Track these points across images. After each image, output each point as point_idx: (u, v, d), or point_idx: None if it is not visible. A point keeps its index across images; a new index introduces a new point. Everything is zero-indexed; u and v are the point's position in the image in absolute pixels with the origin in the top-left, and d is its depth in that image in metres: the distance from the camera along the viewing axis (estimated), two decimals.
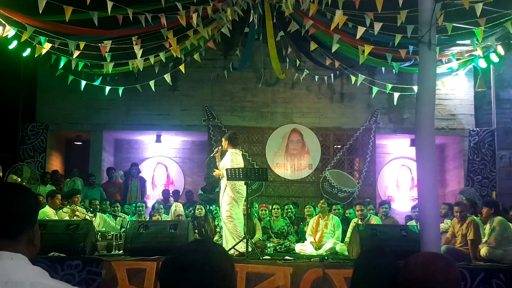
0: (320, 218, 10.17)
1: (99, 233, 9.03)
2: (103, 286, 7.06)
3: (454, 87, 13.37)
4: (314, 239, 9.91)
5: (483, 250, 8.23)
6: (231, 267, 1.95)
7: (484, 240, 8.53)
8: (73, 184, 12.22)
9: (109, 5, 8.06)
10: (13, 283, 1.79)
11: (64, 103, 13.13)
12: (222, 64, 13.39)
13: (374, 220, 9.67)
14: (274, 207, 10.97)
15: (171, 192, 13.37)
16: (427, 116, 6.12)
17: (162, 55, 10.71)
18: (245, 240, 8.08)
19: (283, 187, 13.38)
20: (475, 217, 8.91)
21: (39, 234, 2.02)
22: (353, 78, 12.03)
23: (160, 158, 14.75)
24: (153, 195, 14.26)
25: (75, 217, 9.23)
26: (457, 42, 11.35)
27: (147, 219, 10.54)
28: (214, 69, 13.47)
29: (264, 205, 11.30)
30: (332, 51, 10.15)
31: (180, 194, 13.64)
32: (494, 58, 11.40)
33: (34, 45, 9.59)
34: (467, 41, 10.98)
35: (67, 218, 9.22)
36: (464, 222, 8.72)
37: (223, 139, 9.02)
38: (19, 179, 10.22)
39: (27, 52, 10.24)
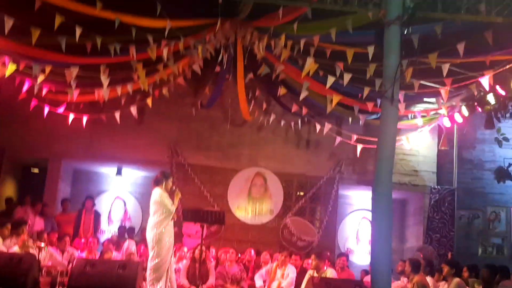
0: (277, 268, 9.97)
1: (44, 268, 8.65)
2: None
3: (419, 144, 13.43)
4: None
5: None
6: None
7: None
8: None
9: (78, 31, 7.89)
10: None
11: (23, 128, 12.73)
12: (190, 101, 13.24)
13: (330, 272, 9.49)
14: (230, 251, 10.76)
15: (127, 228, 13.05)
16: (385, 171, 6.04)
17: (129, 87, 10.54)
18: None
19: (242, 231, 13.12)
20: (424, 278, 8.77)
21: None
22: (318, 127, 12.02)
23: (119, 192, 14.40)
24: (108, 230, 13.88)
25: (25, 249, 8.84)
26: (424, 99, 11.48)
27: (98, 256, 10.20)
28: (182, 105, 13.30)
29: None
30: (300, 99, 10.13)
31: (136, 231, 13.28)
32: (458, 118, 11.49)
33: None
34: (433, 99, 11.09)
35: (16, 248, 8.80)
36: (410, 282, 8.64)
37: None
38: None
39: None
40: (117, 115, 11.29)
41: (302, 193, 13.41)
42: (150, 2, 7.74)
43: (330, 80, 9.10)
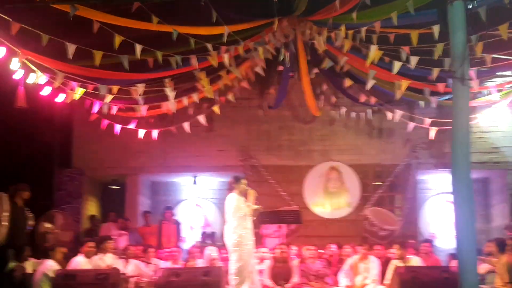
0: (360, 260, 9.80)
1: (131, 280, 8.85)
2: None
3: (496, 119, 12.91)
4: (354, 283, 9.56)
5: None
6: None
7: None
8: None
9: (138, 48, 8.02)
10: None
11: (99, 148, 13.14)
12: (257, 103, 13.28)
13: (415, 261, 9.27)
14: (311, 247, 10.67)
15: (208, 234, 13.19)
16: (461, 152, 5.80)
17: (195, 96, 10.65)
18: None
19: (322, 227, 13.02)
20: None
21: None
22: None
23: (197, 200, 14.58)
24: (190, 238, 14.06)
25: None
26: (497, 73, 11.04)
27: (182, 264, 10.34)
28: (249, 108, 13.36)
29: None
30: (368, 88, 9.95)
31: (217, 236, 13.40)
32: None
33: (67, 90, 9.61)
34: (509, 72, 10.65)
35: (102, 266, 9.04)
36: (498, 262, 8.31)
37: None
38: (51, 226, 10.15)
39: (60, 98, 10.25)
40: (186, 125, 11.44)
41: (379, 183, 13.16)
42: (205, 10, 7.76)
43: (397, 65, 8.90)
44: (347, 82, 10.57)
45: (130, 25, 8.05)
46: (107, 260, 9.17)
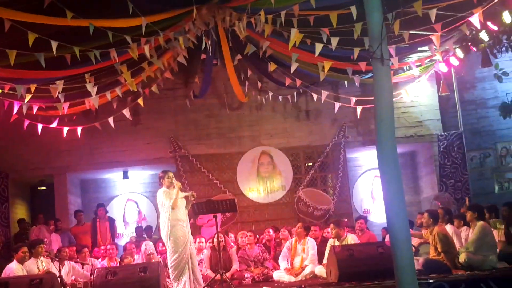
0: (297, 243, 9.90)
1: (67, 284, 8.64)
2: None
3: (419, 94, 13.29)
4: (292, 265, 9.67)
5: (462, 257, 8.08)
6: None
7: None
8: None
9: (54, 45, 7.73)
10: None
11: (23, 149, 12.71)
12: (183, 93, 13.16)
13: (351, 238, 9.43)
14: (248, 233, 10.71)
15: (143, 228, 13.03)
16: (386, 128, 5.88)
17: (118, 90, 10.42)
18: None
19: (258, 212, 13.08)
20: (444, 228, 8.70)
21: None
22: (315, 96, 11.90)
23: (130, 195, 14.37)
24: (125, 234, 13.87)
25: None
26: (417, 49, 11.30)
27: (119, 261, 10.17)
28: (175, 98, 13.23)
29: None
30: (292, 71, 9.99)
31: (154, 230, 13.25)
32: (454, 61, 11.35)
33: None
34: (426, 47, 10.91)
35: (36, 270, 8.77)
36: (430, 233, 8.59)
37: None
38: None
39: None
40: (111, 120, 11.18)
41: (310, 164, 13.33)
42: (120, 2, 7.56)
43: (318, 47, 8.91)
44: (271, 67, 10.57)
45: (44, 21, 7.73)
46: (41, 265, 8.92)
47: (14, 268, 8.60)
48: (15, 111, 10.32)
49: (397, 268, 5.57)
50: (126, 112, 11.21)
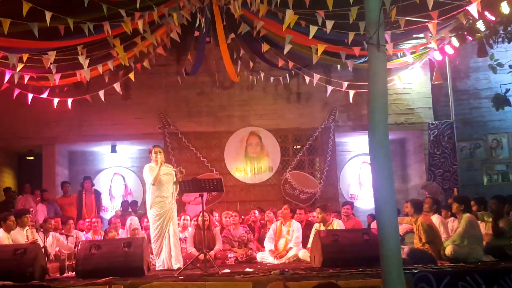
0: (282, 225, 9.92)
1: (51, 254, 8.63)
2: None
3: (411, 81, 13.28)
4: (276, 247, 9.70)
5: (448, 249, 8.06)
6: None
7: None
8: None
9: (48, 16, 7.65)
10: None
11: (12, 118, 12.65)
12: (175, 70, 13.09)
13: (337, 224, 9.44)
14: (233, 213, 10.69)
15: (129, 203, 13.04)
16: (378, 114, 5.85)
17: (110, 64, 10.36)
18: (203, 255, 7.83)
19: (244, 192, 13.10)
20: (428, 218, 8.71)
21: None
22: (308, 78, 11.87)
23: (117, 169, 14.34)
24: (111, 207, 13.86)
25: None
26: (412, 36, 11.26)
27: (103, 235, 10.16)
28: (166, 75, 13.15)
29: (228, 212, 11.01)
30: (285, 52, 9.94)
31: (139, 204, 13.25)
32: (448, 50, 11.34)
33: None
34: (421, 34, 10.88)
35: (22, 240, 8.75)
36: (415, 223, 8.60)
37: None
38: None
39: None
40: (101, 93, 11.16)
41: (299, 147, 13.34)
42: None
43: (313, 29, 8.87)
44: (265, 47, 10.52)
45: None
46: (28, 234, 8.90)
47: (0, 237, 8.59)
48: (6, 79, 10.25)
49: (383, 255, 5.58)
50: (117, 86, 11.17)
